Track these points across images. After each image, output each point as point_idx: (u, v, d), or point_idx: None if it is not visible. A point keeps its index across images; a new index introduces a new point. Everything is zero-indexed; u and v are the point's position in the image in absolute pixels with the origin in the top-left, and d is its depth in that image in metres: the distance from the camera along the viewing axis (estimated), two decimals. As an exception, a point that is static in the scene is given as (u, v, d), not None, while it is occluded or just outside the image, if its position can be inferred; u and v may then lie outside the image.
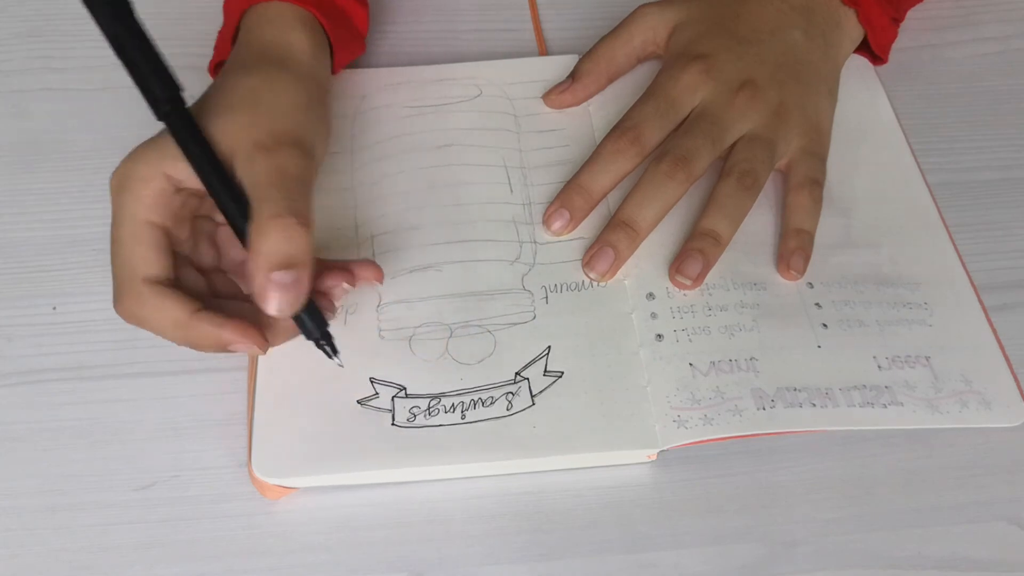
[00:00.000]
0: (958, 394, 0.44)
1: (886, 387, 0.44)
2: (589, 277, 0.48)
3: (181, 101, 0.40)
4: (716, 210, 0.48)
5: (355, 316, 0.46)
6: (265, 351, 0.41)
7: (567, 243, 0.49)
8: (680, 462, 0.43)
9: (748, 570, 0.41)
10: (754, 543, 0.41)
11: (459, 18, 0.60)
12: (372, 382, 0.44)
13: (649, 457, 0.43)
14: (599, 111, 0.54)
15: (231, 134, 0.41)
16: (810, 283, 0.47)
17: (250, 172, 0.40)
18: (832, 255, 0.48)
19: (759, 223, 0.49)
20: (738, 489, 0.43)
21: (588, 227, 0.49)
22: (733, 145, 0.49)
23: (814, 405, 0.43)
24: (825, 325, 0.46)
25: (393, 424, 0.43)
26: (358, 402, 0.43)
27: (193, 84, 0.57)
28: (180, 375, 0.46)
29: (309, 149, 0.42)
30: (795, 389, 0.43)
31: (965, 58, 0.59)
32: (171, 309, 0.40)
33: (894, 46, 0.58)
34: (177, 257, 0.41)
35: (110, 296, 0.47)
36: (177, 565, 0.41)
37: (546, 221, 0.49)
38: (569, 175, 0.51)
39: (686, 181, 0.48)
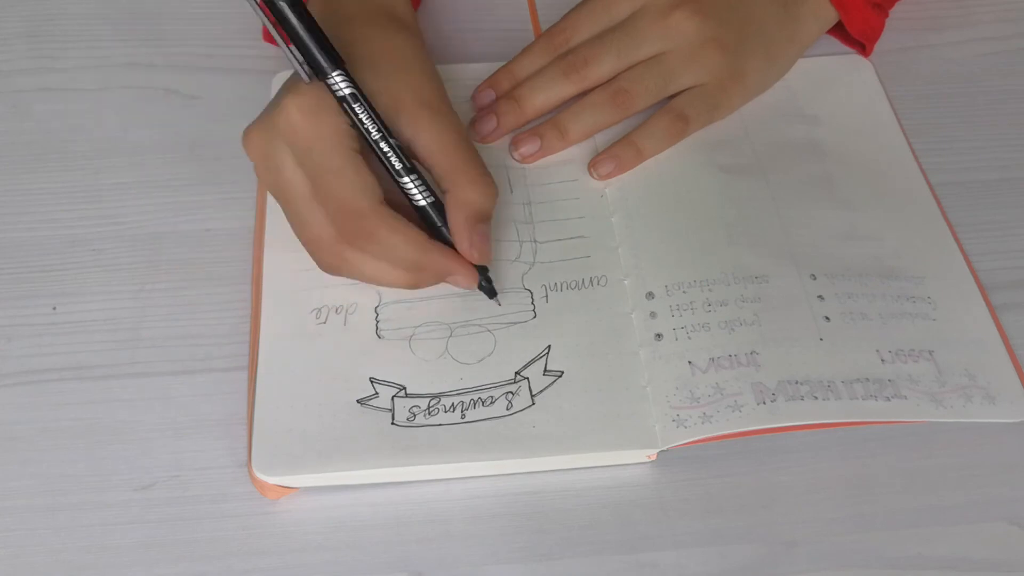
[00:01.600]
0: (962, 388, 0.44)
1: (889, 380, 0.44)
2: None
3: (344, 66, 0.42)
4: (575, 111, 0.51)
5: (355, 316, 0.46)
6: (475, 287, 0.45)
7: (567, 242, 0.49)
8: (680, 462, 0.43)
9: (748, 570, 0.41)
10: (754, 543, 0.41)
11: (459, 18, 0.60)
12: (372, 382, 0.44)
13: (649, 457, 0.43)
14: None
15: (393, 93, 0.43)
16: (813, 275, 0.47)
17: (430, 133, 0.43)
18: (835, 248, 0.48)
19: (762, 215, 0.49)
20: (738, 489, 0.43)
21: (589, 227, 0.49)
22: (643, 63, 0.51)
23: (816, 398, 0.43)
24: (828, 318, 0.46)
25: (393, 424, 0.43)
26: (358, 402, 0.43)
27: (192, 85, 0.57)
28: (180, 375, 0.45)
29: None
30: (797, 382, 0.43)
31: (965, 58, 0.59)
32: (412, 231, 0.43)
33: (894, 46, 0.58)
34: None
35: (110, 296, 0.48)
36: (177, 565, 0.41)
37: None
38: (569, 174, 0.51)
39: (580, 81, 0.51)
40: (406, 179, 0.43)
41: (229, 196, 0.52)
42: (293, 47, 0.41)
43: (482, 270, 0.45)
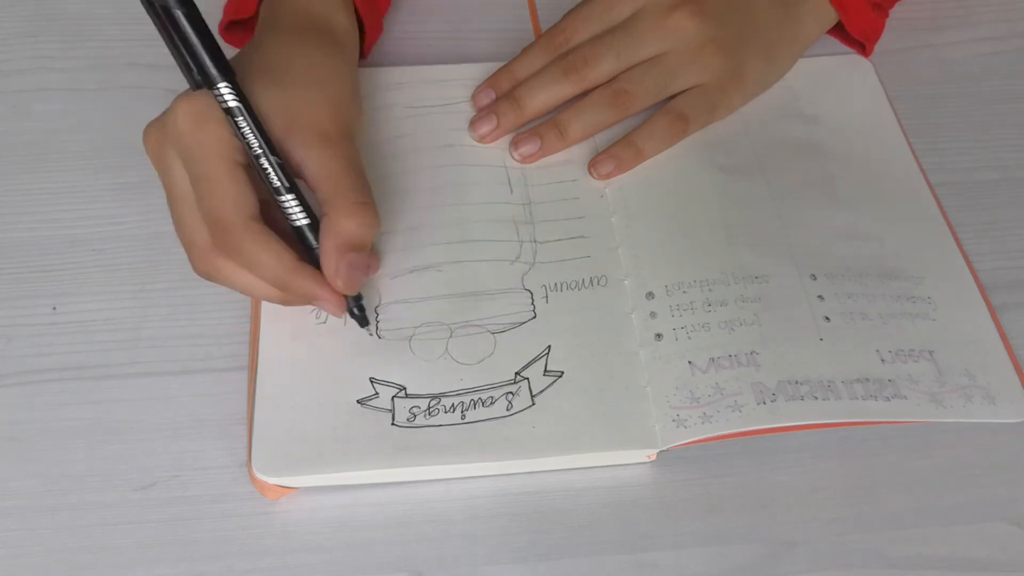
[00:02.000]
0: (962, 388, 0.44)
1: (889, 380, 0.44)
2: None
3: (235, 81, 0.41)
4: (575, 111, 0.51)
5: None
6: (342, 315, 0.44)
7: (567, 242, 0.49)
8: (680, 462, 0.43)
9: (748, 570, 0.41)
10: (754, 543, 0.41)
11: (459, 18, 0.60)
12: (372, 382, 0.44)
13: (649, 457, 0.43)
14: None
15: (291, 111, 0.43)
16: (813, 275, 0.47)
17: (320, 160, 0.42)
18: (835, 248, 0.48)
19: (762, 216, 0.49)
20: (738, 489, 0.43)
21: (589, 227, 0.49)
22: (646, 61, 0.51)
23: (816, 398, 0.43)
24: (828, 318, 0.46)
25: (393, 424, 0.43)
26: (358, 402, 0.43)
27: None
28: (180, 375, 0.45)
29: (358, 137, 0.46)
30: (797, 382, 0.43)
31: (965, 58, 0.59)
32: (281, 251, 0.42)
33: (894, 46, 0.58)
34: None
35: (110, 296, 0.48)
36: (177, 565, 0.41)
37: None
38: (569, 174, 0.51)
39: (580, 82, 0.51)
40: (283, 197, 0.42)
41: (229, 196, 0.52)
42: (182, 53, 0.40)
43: (356, 297, 0.44)
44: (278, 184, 0.42)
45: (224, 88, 0.40)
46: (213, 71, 0.40)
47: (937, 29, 0.60)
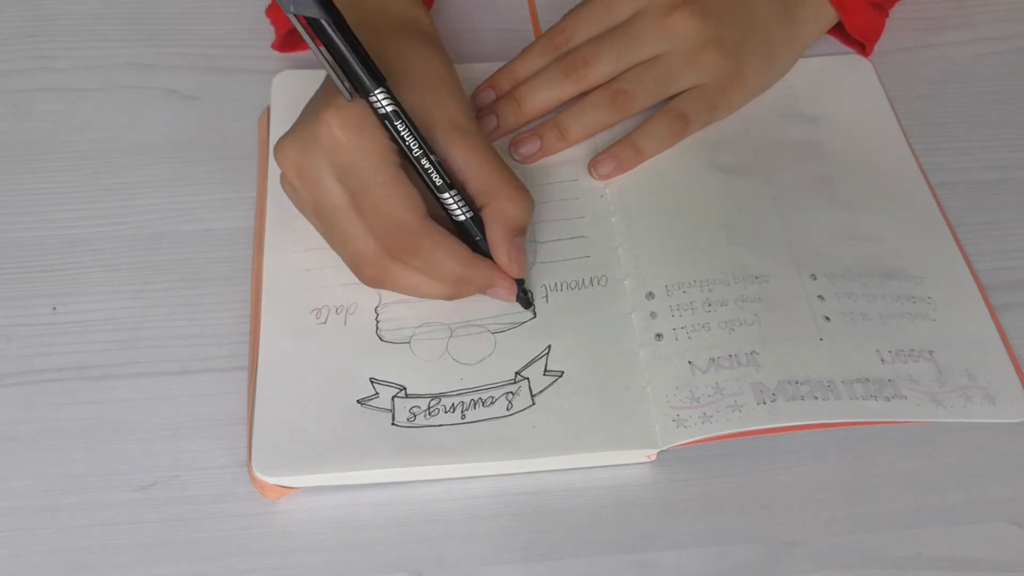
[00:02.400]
0: (962, 389, 0.44)
1: (889, 380, 0.44)
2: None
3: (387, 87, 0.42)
4: (575, 111, 0.51)
5: (355, 316, 0.46)
6: (514, 299, 0.46)
7: (567, 242, 0.49)
8: (680, 462, 0.43)
9: (748, 570, 0.41)
10: (754, 543, 0.41)
11: (459, 18, 0.60)
12: (372, 382, 0.44)
13: (649, 457, 0.43)
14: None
15: (425, 110, 0.43)
16: (813, 275, 0.47)
17: (464, 154, 0.44)
18: (836, 247, 0.48)
19: (762, 216, 0.49)
20: (738, 489, 0.43)
21: (589, 227, 0.49)
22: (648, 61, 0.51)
23: (816, 398, 0.43)
24: (828, 318, 0.46)
25: (393, 424, 0.43)
26: (358, 402, 0.43)
27: (192, 85, 0.57)
28: (180, 375, 0.45)
29: None
30: (797, 382, 0.43)
31: (965, 58, 0.59)
32: (457, 245, 0.43)
33: (894, 46, 0.58)
34: None
35: (110, 296, 0.48)
36: (177, 565, 0.41)
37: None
38: (569, 174, 0.51)
39: (580, 82, 0.51)
40: (447, 194, 0.43)
41: (229, 196, 0.52)
42: (335, 64, 0.41)
43: (518, 282, 0.46)
44: (440, 182, 0.43)
45: (380, 94, 0.41)
46: (368, 79, 0.41)
47: (937, 29, 0.60)
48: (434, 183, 0.43)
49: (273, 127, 0.52)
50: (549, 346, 0.45)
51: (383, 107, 0.41)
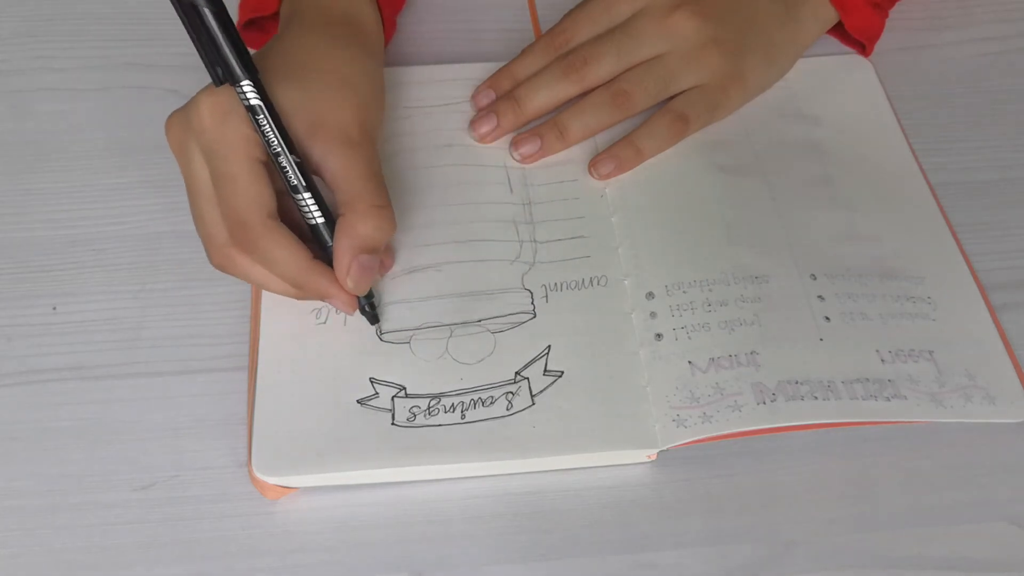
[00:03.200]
0: (962, 389, 0.44)
1: (889, 380, 0.44)
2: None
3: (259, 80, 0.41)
4: (575, 111, 0.51)
5: (355, 316, 0.46)
6: (353, 312, 0.45)
7: (567, 242, 0.49)
8: (680, 462, 0.43)
9: (748, 570, 0.41)
10: (754, 543, 0.41)
11: (459, 18, 0.60)
12: (372, 382, 0.44)
13: (649, 457, 0.43)
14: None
15: (314, 111, 0.43)
16: (813, 275, 0.47)
17: (340, 161, 0.43)
18: (836, 247, 0.48)
19: (762, 216, 0.49)
20: (738, 489, 0.43)
21: (589, 227, 0.49)
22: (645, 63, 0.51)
23: (816, 398, 0.43)
24: (828, 318, 0.46)
25: (393, 424, 0.43)
26: (358, 402, 0.43)
27: (192, 85, 0.57)
28: (180, 375, 0.45)
29: (380, 138, 0.46)
30: (797, 382, 0.43)
31: (965, 58, 0.59)
32: (298, 249, 0.42)
33: (894, 46, 0.58)
34: None
35: (110, 296, 0.48)
36: (177, 565, 0.41)
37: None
38: (569, 174, 0.51)
39: (580, 82, 0.51)
40: (299, 196, 0.42)
41: (229, 196, 0.52)
42: (206, 48, 0.40)
43: (367, 296, 0.45)
44: (295, 183, 0.42)
45: (247, 86, 0.40)
46: (237, 68, 0.40)
47: (937, 29, 0.60)
48: (289, 182, 0.42)
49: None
50: (549, 346, 0.45)
51: (247, 99, 0.41)
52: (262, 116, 0.41)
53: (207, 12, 0.39)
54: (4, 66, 0.58)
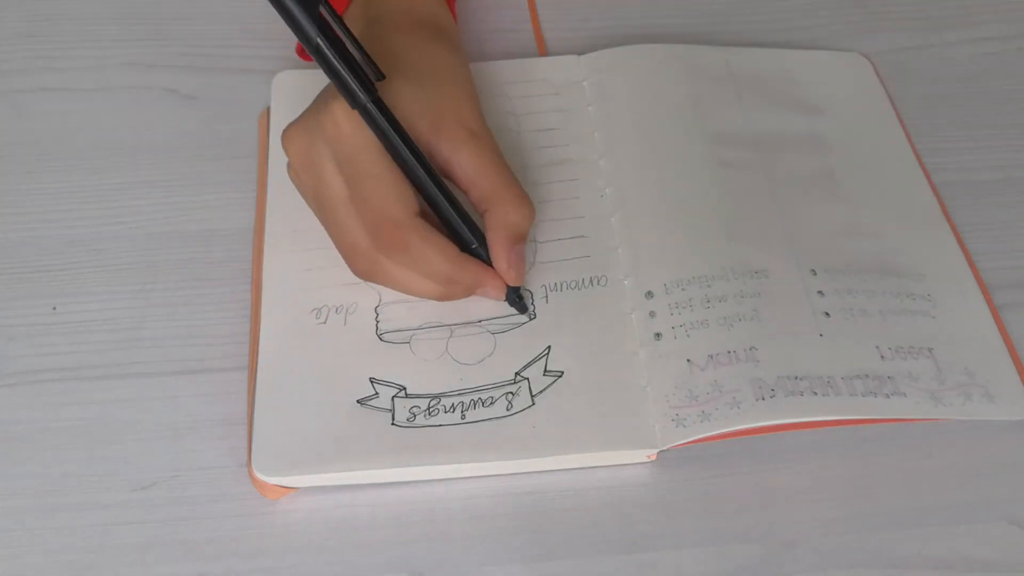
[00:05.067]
0: (961, 386, 0.44)
1: (889, 377, 0.44)
2: None
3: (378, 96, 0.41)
4: None
5: (355, 316, 0.46)
6: (503, 299, 0.45)
7: (567, 242, 0.49)
8: (680, 462, 0.43)
9: (748, 570, 0.41)
10: (754, 543, 0.41)
11: (459, 18, 0.60)
12: (372, 382, 0.44)
13: (649, 457, 0.43)
14: (599, 110, 0.54)
15: (435, 111, 0.43)
16: (813, 271, 0.47)
17: (471, 157, 0.43)
18: (836, 243, 0.48)
19: (762, 210, 0.49)
20: (738, 489, 0.43)
21: (589, 227, 0.49)
22: None
23: (815, 393, 0.43)
24: (827, 313, 0.45)
25: (393, 424, 0.43)
26: (358, 402, 0.43)
27: (192, 85, 0.57)
28: (180, 375, 0.45)
29: None
30: (796, 377, 0.43)
31: (965, 58, 0.59)
32: (447, 244, 0.43)
33: (894, 46, 0.58)
34: None
35: (110, 296, 0.48)
36: (177, 565, 0.41)
37: None
38: (569, 175, 0.51)
39: None
40: (437, 200, 0.43)
41: (229, 196, 0.52)
42: (332, 75, 0.41)
43: (514, 287, 0.46)
44: (431, 189, 0.43)
45: (372, 107, 0.41)
46: (360, 94, 0.40)
47: (937, 29, 0.60)
48: (424, 189, 0.43)
49: (273, 127, 0.52)
50: (549, 346, 0.45)
51: (375, 122, 0.41)
52: (391, 130, 0.41)
53: (322, 43, 0.39)
54: (4, 66, 0.58)
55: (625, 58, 0.56)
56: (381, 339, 0.45)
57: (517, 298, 0.46)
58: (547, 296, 0.47)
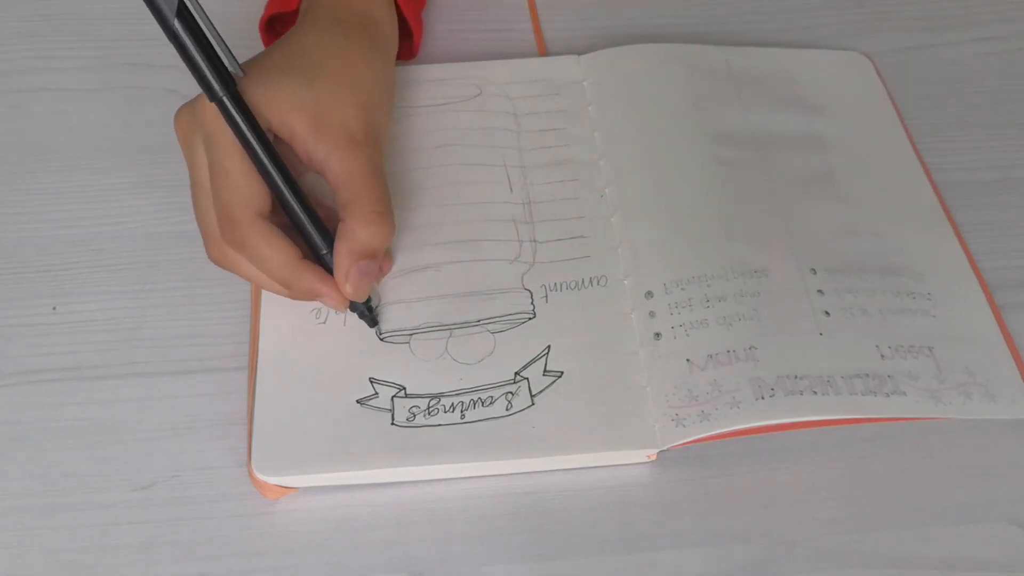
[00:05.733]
0: (961, 386, 0.44)
1: (889, 376, 0.44)
2: None
3: (236, 89, 0.41)
4: None
5: (355, 316, 0.46)
6: (344, 310, 0.45)
7: (567, 242, 0.49)
8: (680, 462, 0.43)
9: (748, 570, 0.41)
10: (754, 543, 0.41)
11: (459, 18, 0.60)
12: (372, 382, 0.44)
13: (649, 457, 0.43)
14: (599, 110, 0.54)
15: (320, 109, 0.42)
16: (813, 270, 0.47)
17: (343, 162, 0.42)
18: (836, 242, 0.48)
19: (762, 209, 0.49)
20: (738, 489, 0.43)
21: (589, 227, 0.49)
22: None
23: (815, 392, 0.43)
24: (827, 313, 0.45)
25: (393, 424, 0.43)
26: (358, 402, 0.43)
27: (191, 85, 0.57)
28: (180, 375, 0.45)
29: (386, 141, 0.45)
30: (796, 377, 0.43)
31: (965, 58, 0.59)
32: (286, 248, 0.42)
33: (894, 46, 0.58)
34: None
35: (110, 296, 0.48)
36: (177, 565, 0.41)
37: None
38: (569, 175, 0.51)
39: None
40: (287, 201, 0.42)
41: (229, 196, 0.52)
42: (189, 63, 0.40)
43: (365, 300, 0.45)
44: (281, 190, 0.42)
45: (227, 101, 0.40)
46: (215, 86, 0.40)
47: (937, 29, 0.60)
48: (274, 189, 0.42)
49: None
50: (549, 346, 0.45)
51: (229, 113, 0.40)
52: (245, 128, 0.40)
53: (178, 27, 0.39)
54: (4, 66, 0.58)
55: (625, 58, 0.56)
56: (381, 339, 0.45)
57: (366, 311, 0.45)
58: (547, 296, 0.47)
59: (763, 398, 0.42)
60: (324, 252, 0.43)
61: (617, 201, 0.50)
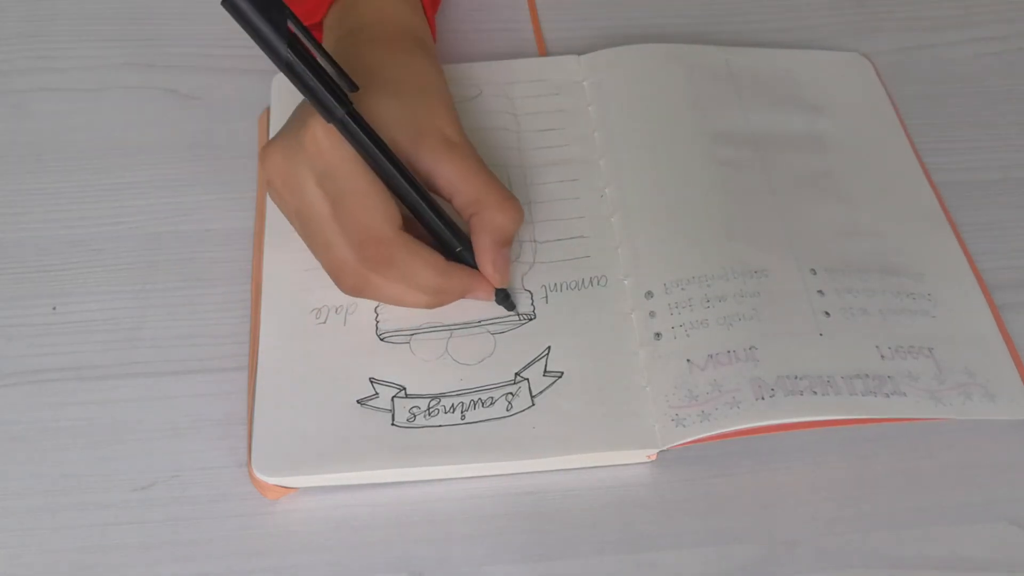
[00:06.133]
0: (962, 386, 0.44)
1: (889, 377, 0.44)
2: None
3: (353, 108, 0.41)
4: None
5: (355, 316, 0.46)
6: (492, 299, 0.46)
7: (567, 242, 0.49)
8: (680, 462, 0.43)
9: (748, 570, 0.41)
10: (754, 543, 0.41)
11: (459, 18, 0.60)
12: (372, 382, 0.44)
13: (649, 457, 0.43)
14: (599, 110, 0.54)
15: (414, 122, 0.43)
16: (813, 270, 0.47)
17: (452, 165, 0.43)
18: (836, 243, 0.48)
19: (762, 210, 0.49)
20: (738, 489, 0.43)
21: (589, 227, 0.49)
22: None
23: (815, 393, 0.43)
24: (827, 313, 0.45)
25: (393, 424, 0.43)
26: (358, 402, 0.43)
27: (191, 85, 0.57)
28: (180, 375, 0.45)
29: None
30: (796, 377, 0.43)
31: (965, 58, 0.59)
32: (431, 255, 0.43)
33: (894, 46, 0.58)
34: None
35: (110, 296, 0.48)
36: (177, 565, 0.41)
37: None
38: (569, 174, 0.51)
39: None
40: (421, 209, 0.43)
41: (229, 196, 0.52)
42: (308, 90, 0.40)
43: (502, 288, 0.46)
44: (413, 197, 0.43)
45: (349, 121, 0.41)
46: (335, 106, 0.40)
47: (937, 29, 0.60)
48: (404, 198, 0.43)
49: (273, 127, 0.52)
50: (549, 347, 0.45)
51: (354, 134, 0.41)
52: (369, 142, 0.41)
53: (292, 57, 0.39)
54: (4, 66, 0.58)
55: (625, 58, 0.56)
56: (381, 339, 0.45)
57: (505, 298, 0.46)
58: (547, 296, 0.47)
59: (763, 398, 0.42)
60: (459, 249, 0.44)
61: (617, 201, 0.50)
